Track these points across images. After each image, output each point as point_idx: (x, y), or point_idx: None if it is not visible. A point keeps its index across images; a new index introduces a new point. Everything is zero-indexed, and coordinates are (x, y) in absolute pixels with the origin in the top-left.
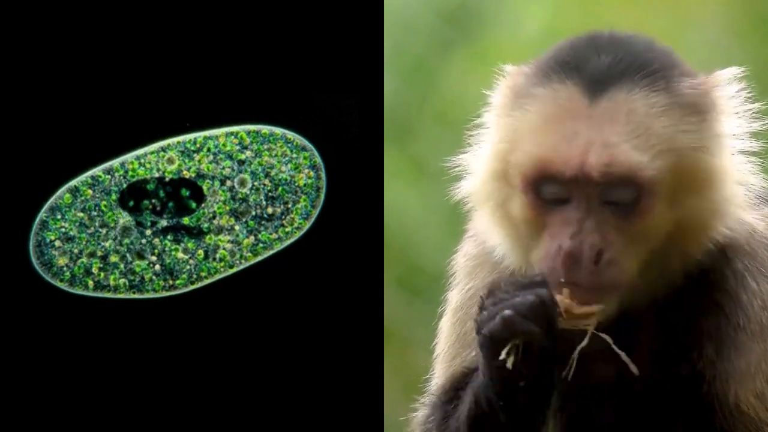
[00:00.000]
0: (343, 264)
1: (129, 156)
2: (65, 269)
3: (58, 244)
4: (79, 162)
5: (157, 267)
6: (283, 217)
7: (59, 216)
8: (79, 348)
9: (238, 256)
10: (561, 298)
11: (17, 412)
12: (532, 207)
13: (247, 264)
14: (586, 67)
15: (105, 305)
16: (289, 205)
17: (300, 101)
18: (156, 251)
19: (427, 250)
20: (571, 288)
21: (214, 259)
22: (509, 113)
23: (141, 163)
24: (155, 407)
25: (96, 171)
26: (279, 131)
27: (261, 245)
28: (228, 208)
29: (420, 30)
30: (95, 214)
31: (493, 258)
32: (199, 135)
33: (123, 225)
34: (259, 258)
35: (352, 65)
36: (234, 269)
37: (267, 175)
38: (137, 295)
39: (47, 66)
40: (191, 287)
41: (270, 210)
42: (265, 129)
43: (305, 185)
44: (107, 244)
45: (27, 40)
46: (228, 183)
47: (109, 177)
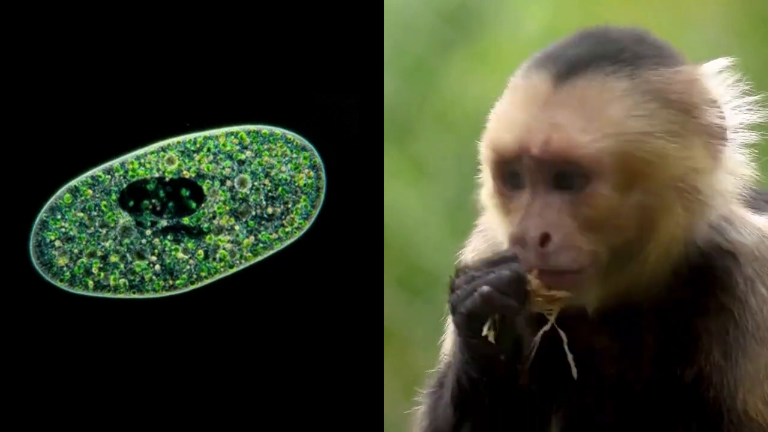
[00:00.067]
0: (343, 264)
1: (129, 156)
2: (65, 269)
3: (58, 244)
4: (79, 162)
5: (157, 267)
6: (283, 217)
7: (59, 216)
8: (79, 348)
9: (238, 256)
10: (531, 278)
11: (17, 412)
12: (499, 193)
13: (247, 264)
14: (559, 57)
15: (105, 305)
16: (289, 205)
17: (300, 101)
18: (156, 251)
19: (427, 250)
20: (536, 270)
21: (214, 259)
22: (496, 104)
23: (141, 163)
24: (155, 407)
25: (96, 171)
26: (279, 131)
27: (261, 245)
28: (228, 208)
29: (420, 30)
30: (95, 214)
31: None
32: (199, 135)
33: (123, 225)
34: (259, 258)
35: (352, 65)
36: (234, 269)
37: (267, 175)
38: (137, 295)
39: (47, 66)
40: (191, 287)
41: (270, 210)
42: (265, 129)
43: (305, 185)
44: (107, 244)
45: (27, 40)
46: (228, 183)
47: (109, 177)
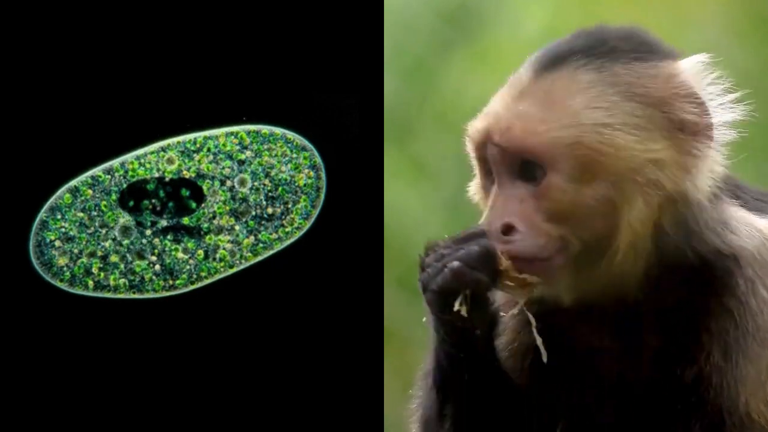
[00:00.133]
0: (343, 264)
1: (129, 156)
2: (65, 269)
3: (58, 244)
4: (79, 162)
5: (157, 267)
6: (283, 217)
7: (59, 216)
8: (79, 348)
9: (238, 256)
10: (502, 258)
11: (17, 411)
12: (482, 187)
13: (247, 264)
14: (546, 52)
15: (105, 305)
16: (289, 205)
17: (300, 101)
18: (156, 251)
19: None
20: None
21: (214, 259)
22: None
23: (141, 163)
24: (155, 407)
25: (96, 171)
26: (279, 131)
27: (261, 245)
28: (228, 208)
29: (420, 30)
30: (95, 214)
31: None
32: (199, 135)
33: (123, 225)
34: (259, 258)
35: (352, 65)
36: (234, 269)
37: (267, 175)
38: (137, 295)
39: (47, 66)
40: (191, 287)
41: (270, 210)
42: (265, 129)
43: (305, 185)
44: (107, 244)
45: (27, 40)
46: (228, 183)
47: (109, 177)
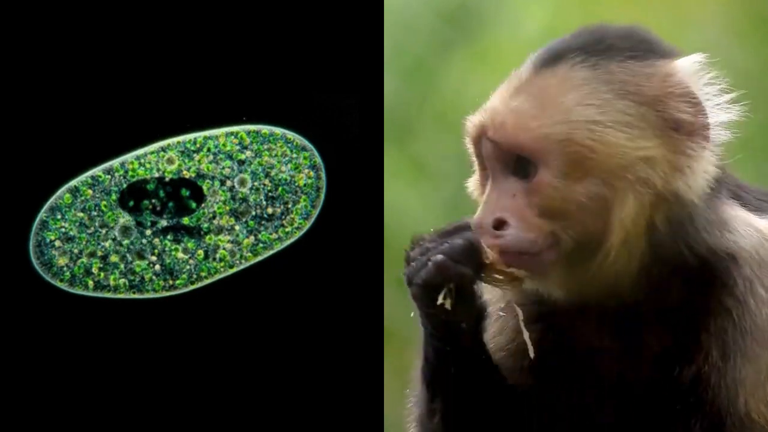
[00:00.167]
0: (343, 264)
1: (129, 156)
2: (65, 269)
3: (58, 244)
4: (79, 162)
5: (157, 267)
6: (283, 217)
7: (59, 216)
8: (79, 348)
9: (238, 256)
10: (489, 251)
11: (17, 411)
12: (480, 183)
13: (247, 264)
14: (546, 50)
15: (105, 305)
16: (289, 205)
17: (300, 101)
18: (156, 251)
19: None
20: (496, 249)
21: (214, 259)
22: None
23: (141, 163)
24: (155, 407)
25: (96, 171)
26: (279, 131)
27: (261, 245)
28: (228, 208)
29: (420, 30)
30: (95, 214)
31: None
32: (199, 135)
33: (123, 225)
34: (259, 258)
35: (352, 65)
36: (234, 269)
37: (267, 175)
38: (137, 295)
39: (47, 66)
40: (191, 287)
41: (270, 210)
42: (265, 129)
43: (305, 185)
44: (107, 244)
45: (27, 40)
46: (228, 183)
47: (109, 177)
